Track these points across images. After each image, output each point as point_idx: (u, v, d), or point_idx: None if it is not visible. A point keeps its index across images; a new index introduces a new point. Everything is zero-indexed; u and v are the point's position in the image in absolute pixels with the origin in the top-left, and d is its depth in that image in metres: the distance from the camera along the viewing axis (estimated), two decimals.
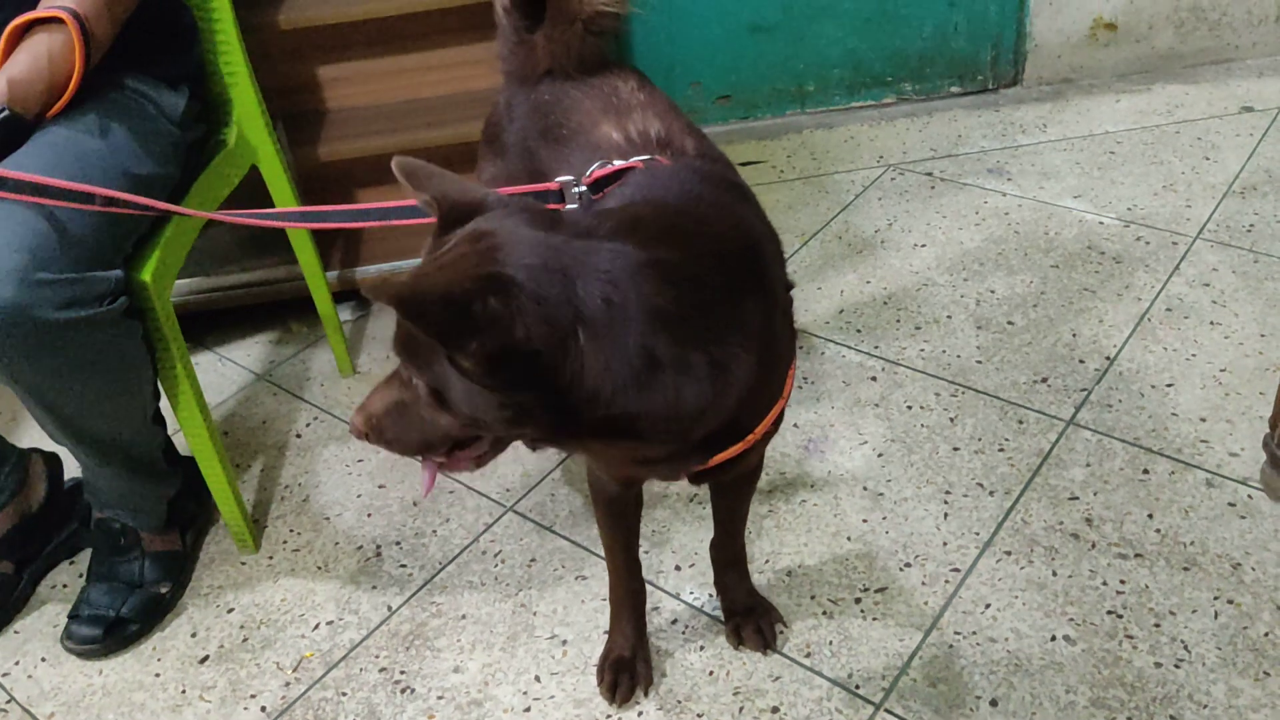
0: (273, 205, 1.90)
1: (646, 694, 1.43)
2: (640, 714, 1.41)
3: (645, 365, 0.91)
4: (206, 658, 1.55)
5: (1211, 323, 1.98)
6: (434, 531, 1.72)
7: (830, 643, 1.47)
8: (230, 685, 1.51)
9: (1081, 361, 1.92)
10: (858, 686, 1.40)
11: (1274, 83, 2.83)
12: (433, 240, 0.99)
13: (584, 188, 1.18)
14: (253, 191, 1.92)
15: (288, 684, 1.50)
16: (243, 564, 1.70)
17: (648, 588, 1.55)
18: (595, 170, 1.18)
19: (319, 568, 1.68)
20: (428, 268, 0.93)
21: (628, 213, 1.01)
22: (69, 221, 1.30)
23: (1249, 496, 1.61)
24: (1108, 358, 1.92)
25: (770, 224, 1.15)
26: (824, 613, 1.51)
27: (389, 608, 1.59)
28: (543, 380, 0.89)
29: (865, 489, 1.70)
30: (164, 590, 1.62)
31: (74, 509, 1.72)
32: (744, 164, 2.66)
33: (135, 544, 1.61)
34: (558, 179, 1.20)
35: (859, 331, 2.06)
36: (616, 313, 0.89)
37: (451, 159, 2.31)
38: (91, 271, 1.31)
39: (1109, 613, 1.46)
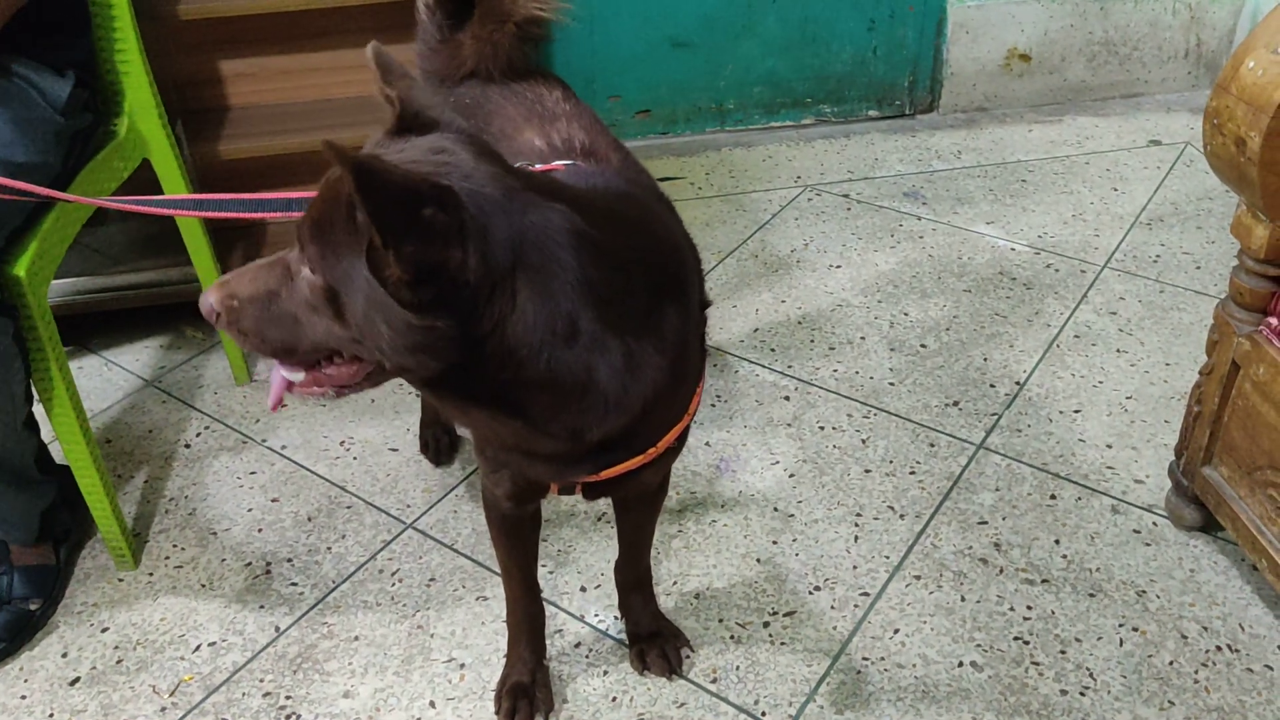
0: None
1: None
2: None
3: (567, 333, 0.88)
4: (77, 680, 1.45)
5: (1118, 350, 2.00)
6: (328, 548, 1.64)
7: (737, 668, 1.43)
8: (102, 710, 1.41)
9: (992, 386, 1.92)
10: (764, 713, 1.36)
11: (1181, 118, 2.90)
12: (383, 137, 0.93)
13: None
14: (147, 189, 1.83)
15: (164, 709, 1.41)
16: (120, 580, 1.60)
17: (551, 609, 1.50)
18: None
19: (203, 585, 1.59)
20: (386, 159, 0.85)
21: (576, 191, 0.97)
22: None
23: (1154, 524, 1.62)
24: (1018, 383, 1.93)
25: (692, 241, 1.13)
26: (731, 637, 1.47)
27: (277, 628, 1.51)
28: (464, 316, 0.84)
29: (776, 510, 1.67)
30: (33, 607, 1.52)
31: None
32: (663, 179, 2.63)
33: (3, 557, 1.51)
34: None
35: (773, 351, 2.04)
36: (554, 273, 0.86)
37: None
38: None
39: (1016, 639, 1.45)
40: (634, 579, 1.44)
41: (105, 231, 2.23)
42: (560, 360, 0.89)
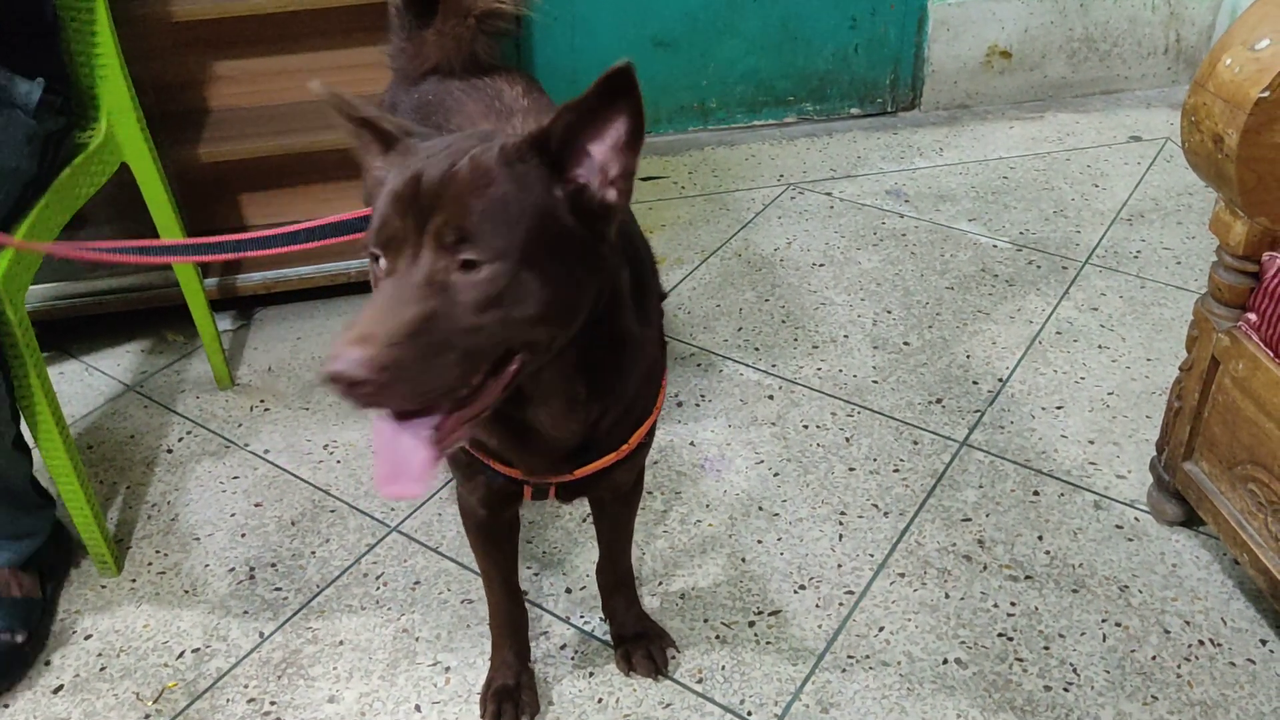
0: (145, 207, 1.80)
1: None
2: None
3: (633, 300, 0.98)
4: (60, 688, 1.44)
5: (1100, 346, 2.01)
6: (312, 553, 1.63)
7: (722, 668, 1.43)
8: (85, 717, 1.40)
9: (975, 383, 1.93)
10: (750, 713, 1.36)
11: (1162, 113, 2.91)
12: (382, 158, 0.92)
13: None
14: (127, 193, 1.82)
15: (148, 716, 1.40)
16: (103, 587, 1.59)
17: (536, 611, 1.50)
18: None
19: (186, 591, 1.58)
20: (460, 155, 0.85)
21: None
22: None
23: (1136, 519, 1.63)
24: (1000, 379, 1.93)
25: (642, 232, 1.14)
26: (717, 637, 1.47)
27: (261, 634, 1.50)
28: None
29: (760, 509, 1.67)
30: (20, 639, 1.46)
31: None
32: (645, 179, 2.63)
33: None
34: None
35: (757, 350, 2.04)
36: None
37: (342, 164, 2.23)
38: None
39: (1000, 635, 1.45)
40: (616, 580, 1.44)
41: (84, 236, 2.22)
42: (628, 326, 0.97)
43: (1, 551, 1.48)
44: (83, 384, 2.02)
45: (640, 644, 1.43)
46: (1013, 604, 1.50)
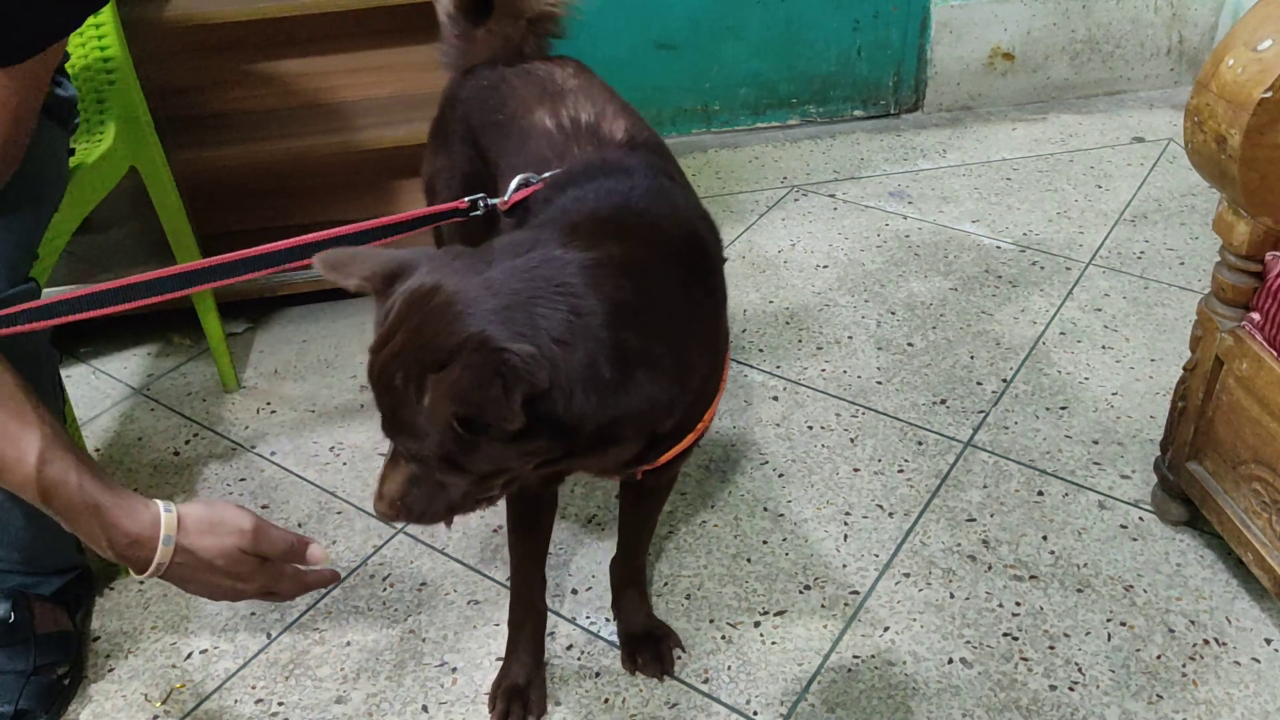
0: (154, 212, 1.81)
1: None
2: None
3: (619, 363, 0.92)
4: None
5: (1104, 347, 2.01)
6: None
7: (728, 668, 1.43)
8: (94, 719, 1.41)
9: (979, 383, 1.93)
10: (756, 713, 1.37)
11: (1164, 114, 2.92)
12: (378, 308, 0.97)
13: (485, 207, 1.23)
14: (137, 196, 1.83)
15: (155, 717, 1.41)
16: (110, 589, 1.60)
17: None
18: (513, 195, 1.19)
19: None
20: (394, 344, 0.91)
21: (561, 221, 1.02)
22: None
23: (1140, 519, 1.63)
24: (1004, 380, 1.94)
25: (700, 203, 1.17)
26: (723, 637, 1.48)
27: (268, 635, 1.51)
28: (547, 413, 0.89)
29: (765, 510, 1.68)
30: (60, 672, 1.43)
31: None
32: None
33: (26, 628, 1.41)
34: (465, 199, 1.24)
35: (761, 351, 2.05)
36: (582, 321, 0.90)
37: (349, 166, 2.24)
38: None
39: (1005, 635, 1.46)
40: (629, 574, 1.45)
41: (92, 240, 2.23)
42: (625, 386, 0.93)
43: (43, 586, 1.46)
44: (89, 387, 2.03)
45: (647, 644, 1.43)
46: (1018, 604, 1.50)
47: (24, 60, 1.07)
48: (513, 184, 1.19)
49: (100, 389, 2.03)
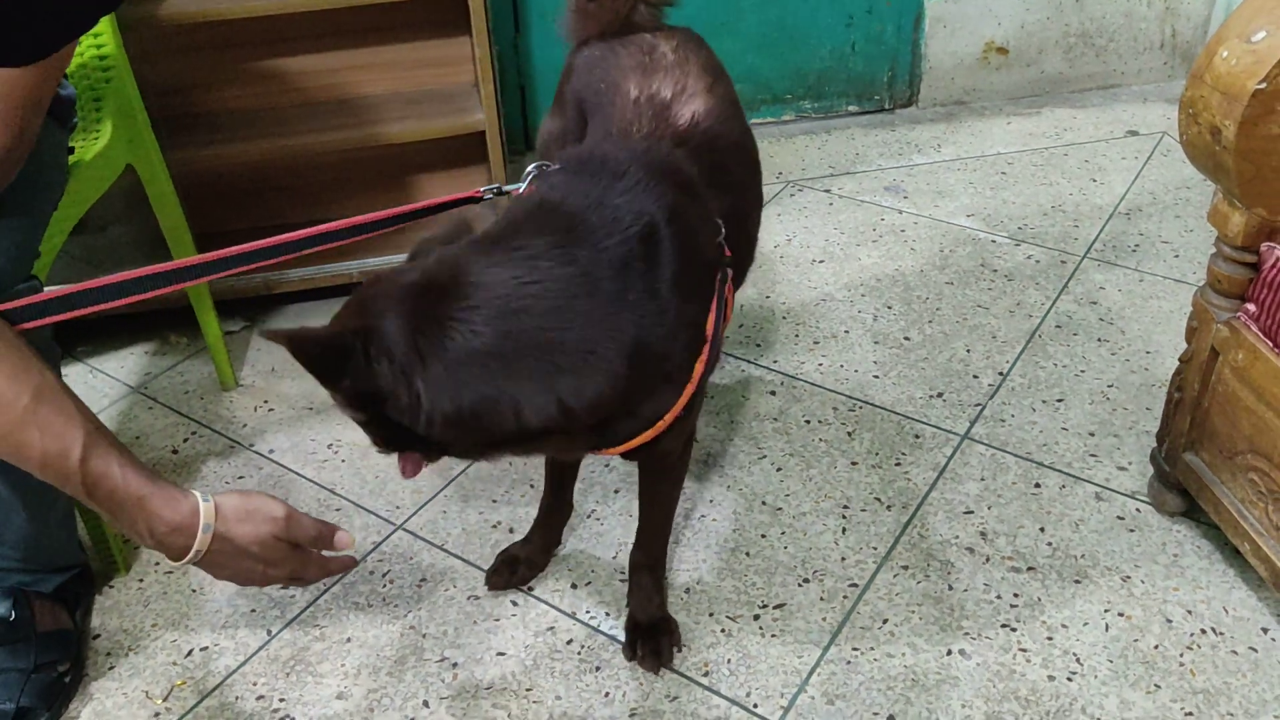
0: (150, 210, 1.81)
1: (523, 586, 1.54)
2: None
3: (477, 397, 1.02)
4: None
5: (1099, 339, 2.02)
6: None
7: (728, 661, 1.44)
8: (95, 716, 1.41)
9: (975, 377, 1.94)
10: (756, 705, 1.37)
11: (1158, 108, 2.92)
12: None
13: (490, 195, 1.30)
14: (134, 195, 1.83)
15: (157, 714, 1.41)
16: (110, 587, 1.60)
17: (543, 607, 1.52)
18: (526, 185, 1.23)
19: (193, 590, 1.59)
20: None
21: (504, 218, 1.11)
22: None
23: (1137, 510, 1.64)
24: (1000, 373, 1.95)
25: (707, 209, 1.21)
26: (722, 630, 1.48)
27: (269, 631, 1.51)
28: (388, 411, 1.03)
29: (764, 504, 1.68)
30: (62, 669, 1.44)
31: None
32: None
33: (28, 626, 1.41)
34: (479, 189, 1.31)
35: (758, 346, 2.05)
36: (451, 351, 1.00)
37: (343, 164, 2.24)
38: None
39: (1003, 626, 1.46)
40: (642, 560, 1.46)
41: (89, 239, 2.23)
42: (483, 412, 1.03)
43: (43, 584, 1.46)
44: (87, 386, 2.03)
45: (649, 636, 1.44)
46: (1015, 595, 1.51)
47: (43, 58, 1.08)
48: (526, 171, 1.24)
49: (98, 388, 2.03)
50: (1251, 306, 1.39)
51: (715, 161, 1.28)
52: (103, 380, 2.05)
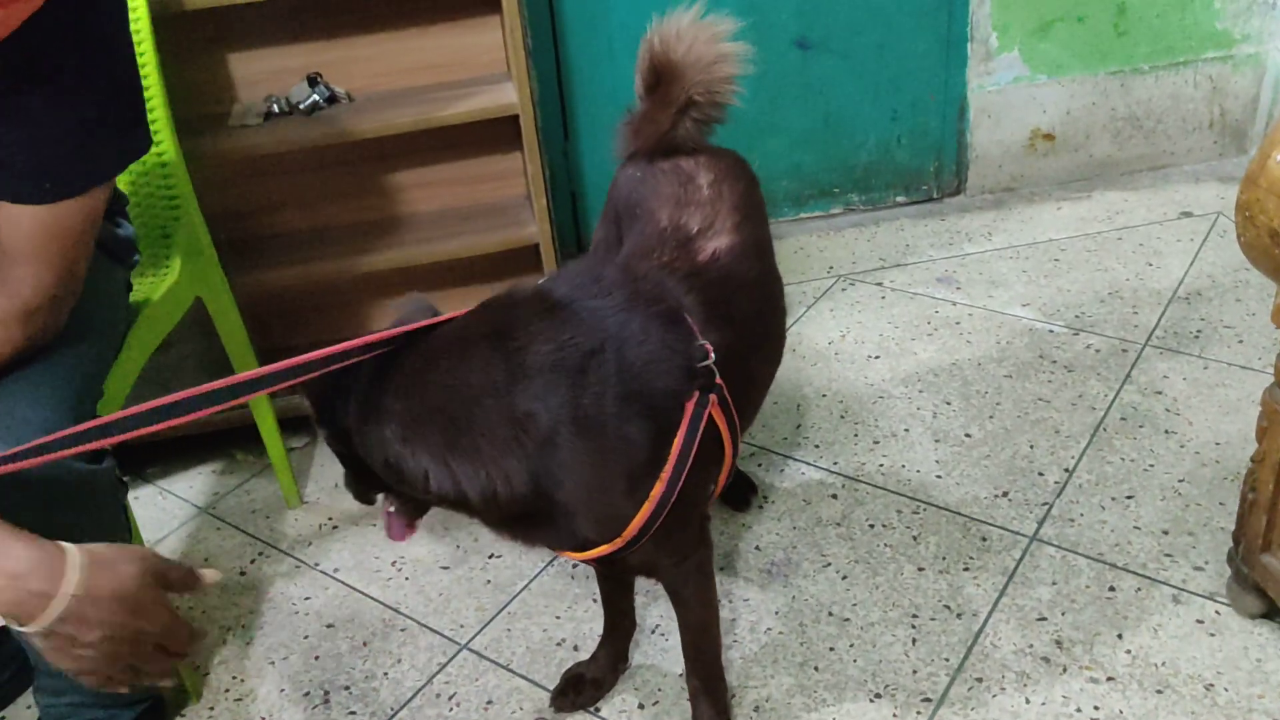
0: (219, 337, 1.86)
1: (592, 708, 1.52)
2: None
3: (394, 454, 1.09)
4: None
5: (1166, 431, 1.98)
6: (385, 674, 1.65)
7: None
8: None
9: (1041, 474, 1.91)
10: None
11: (1211, 187, 2.90)
12: None
13: None
14: (201, 323, 1.88)
15: None
16: (181, 716, 1.61)
17: None
18: None
19: (263, 718, 1.59)
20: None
21: (498, 318, 1.18)
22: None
23: (1217, 612, 1.59)
24: (1066, 469, 1.91)
25: (693, 349, 1.19)
26: None
27: None
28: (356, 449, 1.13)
29: (830, 614, 1.66)
30: None
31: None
32: None
33: None
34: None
35: (817, 447, 2.04)
36: (384, 408, 1.10)
37: (403, 279, 2.29)
38: None
39: None
40: (695, 687, 1.45)
41: (155, 357, 2.28)
42: (396, 453, 1.10)
43: (117, 718, 1.47)
44: (157, 508, 2.07)
45: None
46: (1096, 707, 1.47)
47: (70, 197, 1.16)
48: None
49: (168, 509, 2.06)
50: None
51: (722, 296, 1.28)
52: (173, 502, 2.09)
